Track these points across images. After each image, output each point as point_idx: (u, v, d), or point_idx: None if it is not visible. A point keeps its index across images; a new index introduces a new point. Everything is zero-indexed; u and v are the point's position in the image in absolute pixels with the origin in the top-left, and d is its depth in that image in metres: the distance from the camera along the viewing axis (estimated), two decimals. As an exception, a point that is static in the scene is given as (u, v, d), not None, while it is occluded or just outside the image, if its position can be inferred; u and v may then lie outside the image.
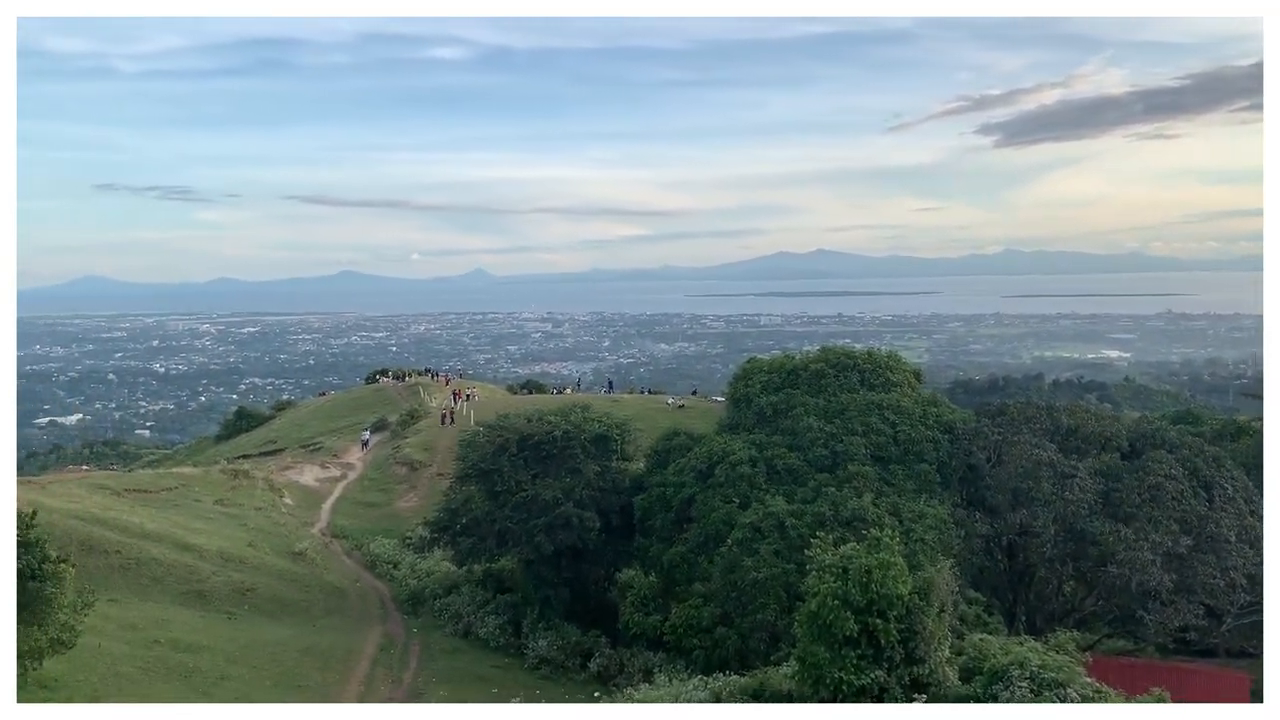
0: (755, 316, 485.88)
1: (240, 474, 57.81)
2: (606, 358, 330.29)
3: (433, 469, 61.84)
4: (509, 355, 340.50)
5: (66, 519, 40.17)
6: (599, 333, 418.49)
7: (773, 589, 31.23)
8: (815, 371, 43.12)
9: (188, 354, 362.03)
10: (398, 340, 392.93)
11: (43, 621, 24.68)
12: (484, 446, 41.41)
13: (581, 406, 45.64)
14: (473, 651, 37.89)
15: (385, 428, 72.71)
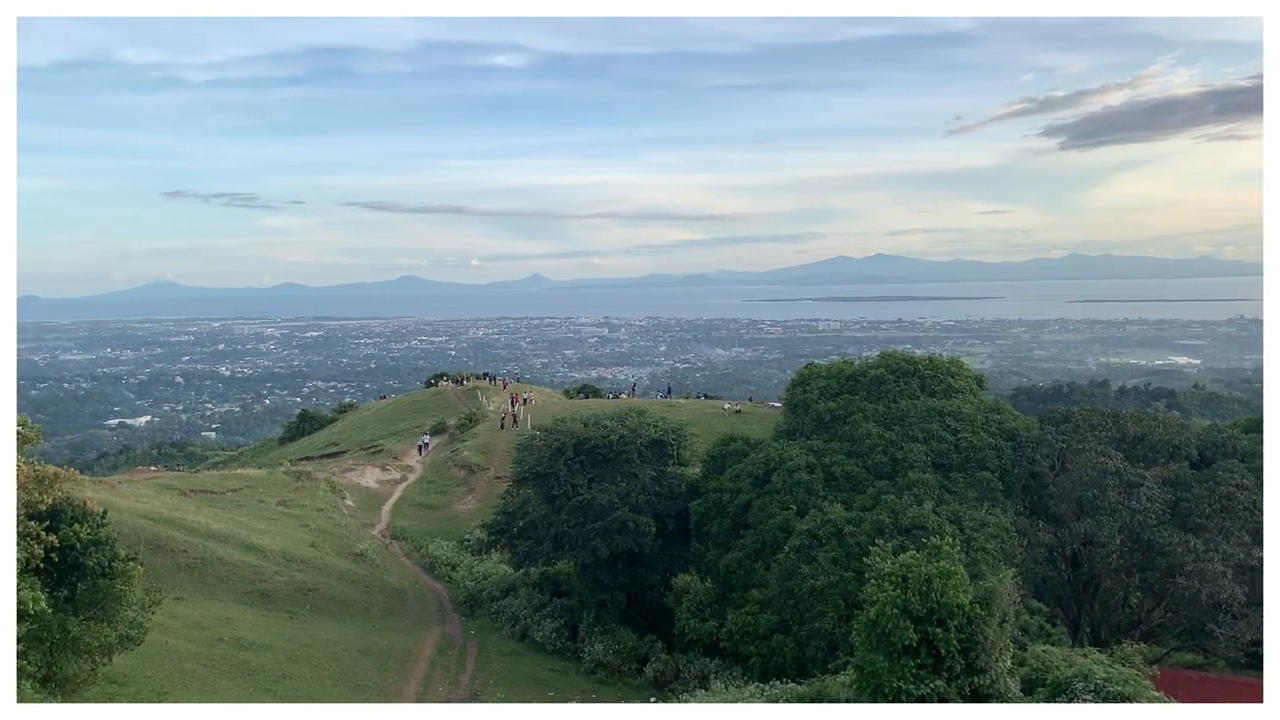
0: (813, 321, 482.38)
1: (303, 475, 58.72)
2: (662, 362, 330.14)
3: (490, 472, 62.29)
4: (565, 360, 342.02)
5: (135, 518, 41.15)
6: (655, 337, 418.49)
7: (831, 597, 30.94)
8: (875, 377, 42.67)
9: (253, 358, 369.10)
10: (456, 345, 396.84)
11: (112, 618, 25.27)
12: (541, 450, 41.60)
13: (637, 411, 45.65)
14: (529, 654, 38.08)
15: (444, 431, 73.40)
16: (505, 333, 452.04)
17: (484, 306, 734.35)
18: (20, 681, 23.23)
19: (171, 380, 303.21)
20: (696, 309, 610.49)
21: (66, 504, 26.01)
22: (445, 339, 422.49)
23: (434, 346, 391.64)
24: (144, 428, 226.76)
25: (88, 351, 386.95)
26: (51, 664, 24.18)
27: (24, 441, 25.77)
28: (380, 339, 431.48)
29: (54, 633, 24.00)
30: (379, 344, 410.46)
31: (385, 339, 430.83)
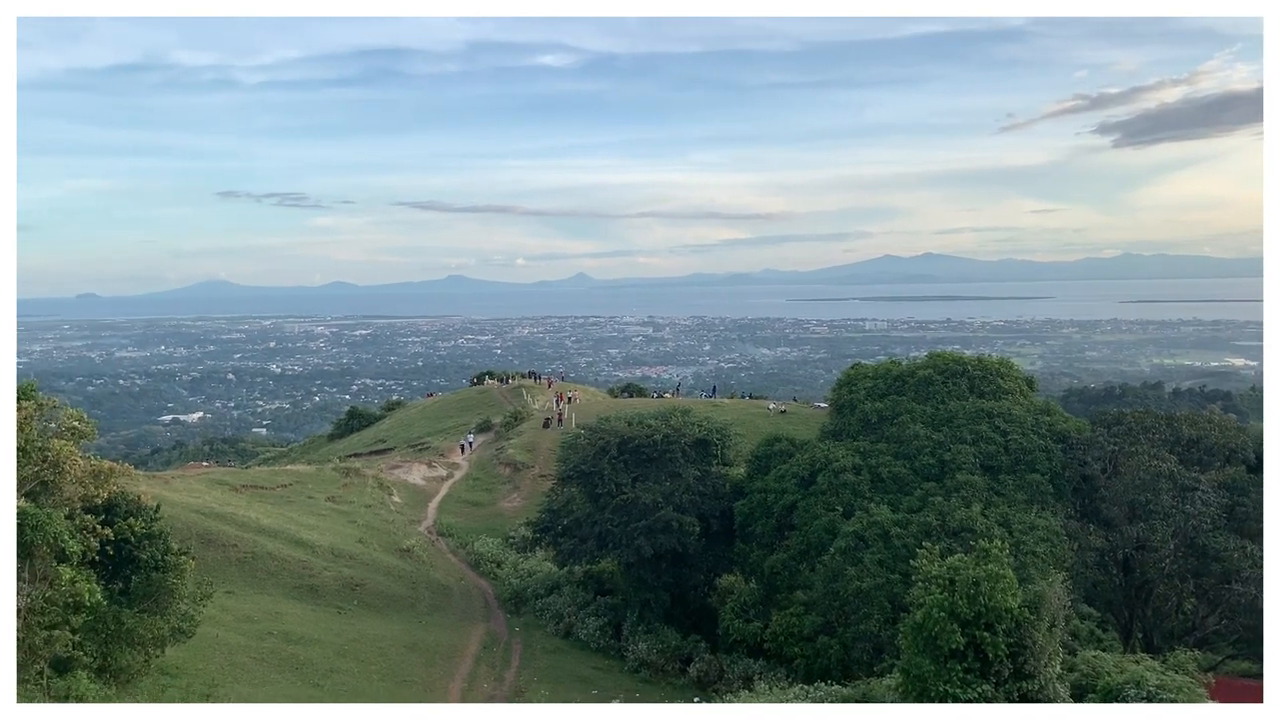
0: (860, 321, 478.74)
1: (351, 472, 59.43)
2: (707, 362, 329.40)
3: (535, 470, 62.58)
4: (610, 359, 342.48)
5: (188, 513, 41.89)
6: (700, 337, 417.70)
7: (877, 599, 30.70)
8: (922, 378, 42.23)
9: (303, 355, 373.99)
10: (502, 343, 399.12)
11: (165, 611, 25.74)
12: (585, 449, 41.71)
13: (682, 411, 45.60)
14: (573, 652, 38.21)
15: (489, 429, 73.84)
16: (550, 332, 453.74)
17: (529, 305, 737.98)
18: (77, 672, 23.74)
19: (223, 377, 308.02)
20: (742, 308, 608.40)
21: (121, 498, 26.53)
22: (491, 338, 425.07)
23: (480, 345, 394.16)
24: (196, 424, 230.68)
25: (143, 349, 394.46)
26: (107, 655, 24.67)
27: (80, 436, 26.29)
28: (428, 337, 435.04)
29: (109, 624, 24.49)
30: (426, 342, 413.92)
31: (432, 337, 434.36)
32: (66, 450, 24.91)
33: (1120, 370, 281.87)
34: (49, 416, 25.91)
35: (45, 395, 26.12)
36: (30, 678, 22.68)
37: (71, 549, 23.13)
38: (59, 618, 23.08)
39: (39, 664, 22.93)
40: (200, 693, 26.54)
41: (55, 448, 24.63)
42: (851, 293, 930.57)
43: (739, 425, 50.85)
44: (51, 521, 22.63)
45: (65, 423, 26.12)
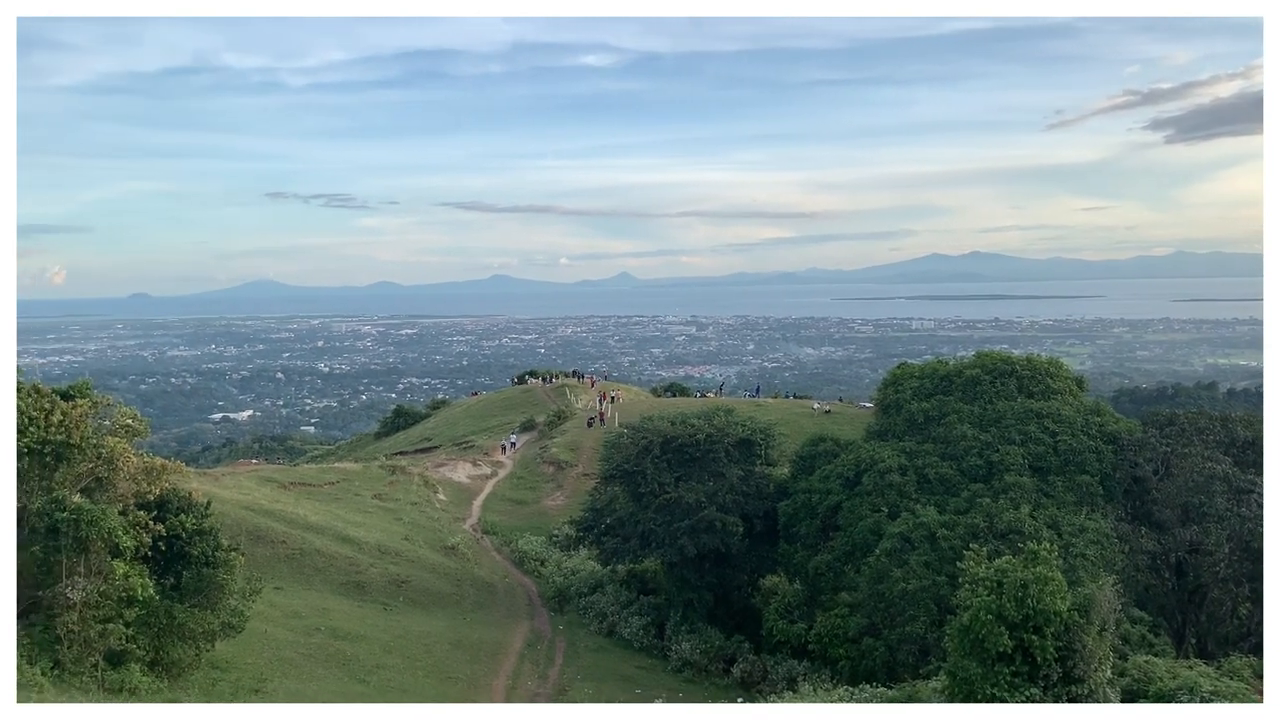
0: (905, 320, 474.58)
1: (397, 470, 60.01)
2: (750, 361, 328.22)
3: (578, 469, 62.76)
4: (653, 358, 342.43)
5: (237, 509, 42.51)
6: (743, 336, 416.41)
7: (923, 601, 30.40)
8: (970, 378, 41.78)
9: (350, 354, 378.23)
10: (545, 342, 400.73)
11: (215, 606, 26.14)
12: (628, 448, 41.75)
13: (725, 410, 45.48)
14: (617, 651, 38.26)
15: (533, 428, 74.17)
16: (593, 331, 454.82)
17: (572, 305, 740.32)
18: (130, 664, 24.20)
19: (272, 376, 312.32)
20: (785, 307, 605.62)
21: (173, 495, 27.00)
22: (535, 337, 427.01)
23: (524, 344, 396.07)
24: (246, 422, 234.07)
25: (194, 348, 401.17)
26: (159, 648, 25.10)
27: (133, 434, 26.80)
28: (472, 337, 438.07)
29: (161, 618, 24.92)
30: (471, 341, 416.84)
31: (477, 337, 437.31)
32: (120, 447, 25.40)
33: (1173, 370, 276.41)
34: (103, 414, 26.44)
35: (100, 393, 26.65)
36: (85, 670, 23.16)
37: (125, 544, 23.57)
38: (113, 611, 23.54)
39: (94, 656, 23.40)
40: (249, 687, 26.90)
41: (109, 445, 25.13)
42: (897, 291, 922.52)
43: (783, 425, 50.62)
44: (106, 517, 23.08)
45: (119, 420, 26.64)
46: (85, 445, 24.47)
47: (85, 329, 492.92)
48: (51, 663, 22.71)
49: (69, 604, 22.79)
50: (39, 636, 23.09)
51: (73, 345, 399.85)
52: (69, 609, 22.81)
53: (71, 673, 22.85)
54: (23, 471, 23.56)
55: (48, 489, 23.99)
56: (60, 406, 24.10)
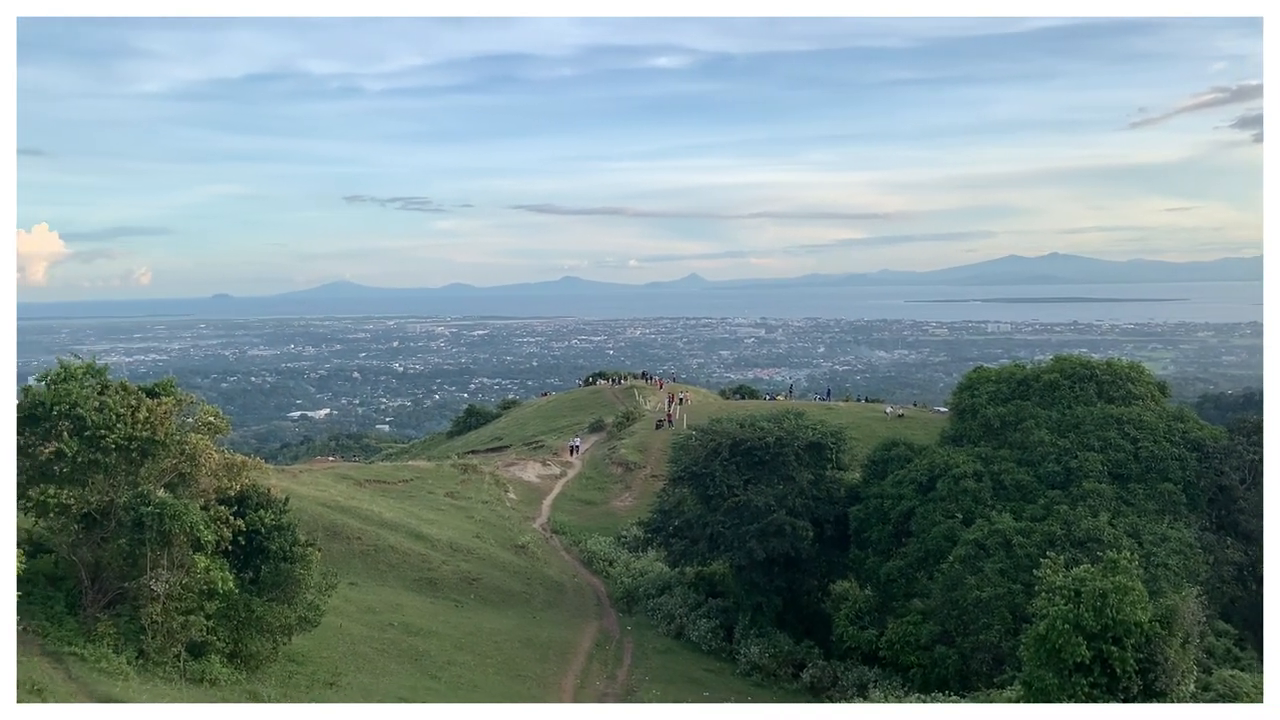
0: (981, 323, 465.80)
1: (469, 469, 60.72)
2: (821, 364, 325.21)
3: (647, 470, 62.85)
4: (722, 360, 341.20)
5: (314, 505, 43.40)
6: (814, 339, 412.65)
7: (997, 609, 29.86)
8: (1048, 382, 40.90)
9: (424, 355, 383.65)
10: (614, 344, 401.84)
11: (292, 600, 26.70)
12: (696, 450, 41.67)
13: (795, 413, 45.13)
14: (685, 653, 38.22)
15: (601, 429, 74.49)
16: (662, 333, 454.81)
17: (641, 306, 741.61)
18: (210, 656, 24.83)
19: (349, 375, 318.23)
20: (857, 310, 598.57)
21: (253, 491, 27.64)
22: (604, 338, 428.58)
23: (593, 345, 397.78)
24: (323, 420, 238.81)
25: (273, 347, 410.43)
26: (238, 641, 25.72)
27: (215, 431, 27.49)
28: (542, 338, 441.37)
29: (240, 612, 25.53)
30: (541, 342, 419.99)
31: (547, 338, 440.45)
32: (203, 444, 26.09)
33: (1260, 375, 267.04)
34: (187, 412, 27.17)
35: (183, 391, 27.39)
36: (168, 660, 23.84)
37: (206, 538, 24.20)
38: (194, 604, 24.19)
39: (176, 647, 24.08)
40: (324, 680, 27.43)
41: (192, 441, 25.81)
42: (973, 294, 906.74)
43: (854, 429, 50.11)
44: (188, 512, 23.73)
45: (202, 418, 27.36)
46: (169, 442, 25.17)
47: (170, 328, 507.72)
48: (136, 652, 23.43)
49: (153, 596, 23.49)
50: (125, 627, 23.84)
51: (158, 344, 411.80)
52: (153, 600, 23.51)
53: (155, 662, 23.54)
54: (110, 466, 24.33)
55: (133, 484, 24.74)
56: (146, 404, 24.84)
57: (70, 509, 23.68)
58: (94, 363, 26.07)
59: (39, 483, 23.56)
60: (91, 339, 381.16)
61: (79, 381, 24.76)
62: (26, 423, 23.98)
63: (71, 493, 23.64)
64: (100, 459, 23.94)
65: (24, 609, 21.08)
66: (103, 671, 21.87)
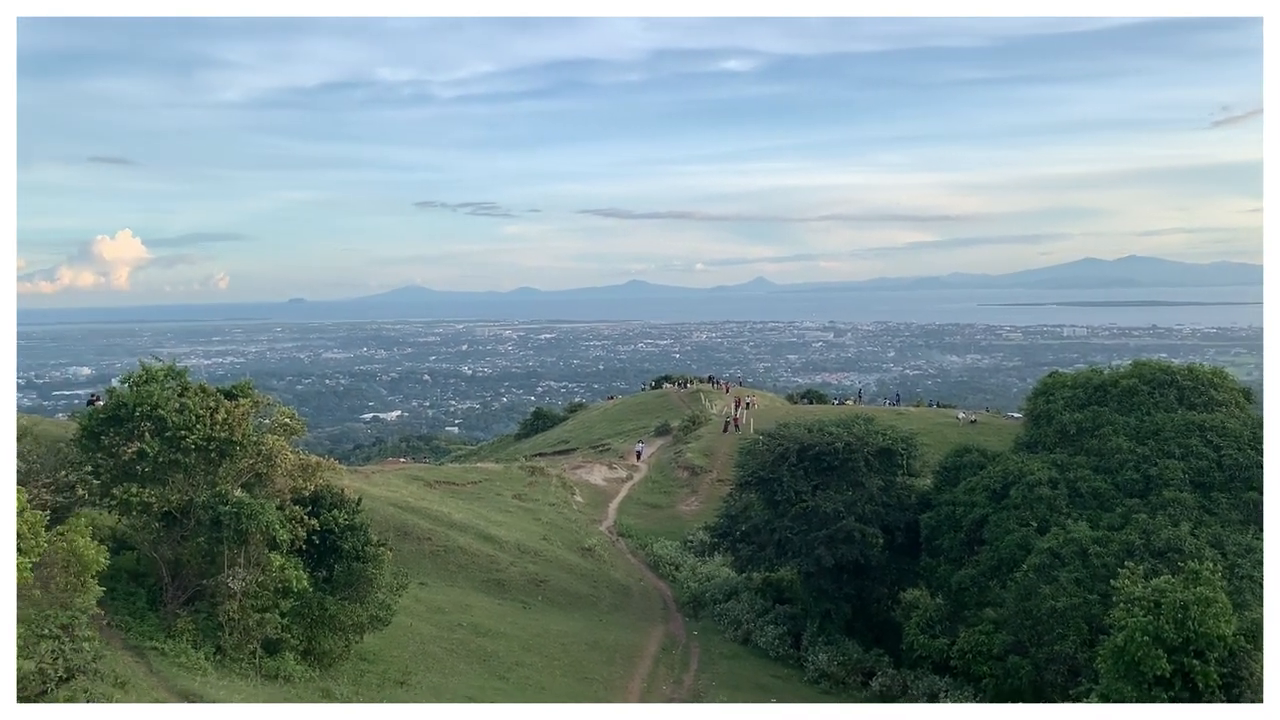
0: (1057, 327, 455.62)
1: (536, 471, 61.14)
2: (891, 369, 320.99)
3: (713, 474, 62.63)
4: (789, 364, 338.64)
5: (386, 506, 44.04)
6: (883, 343, 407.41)
7: (1073, 620, 29.20)
8: (1126, 388, 39.87)
9: (492, 358, 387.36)
10: (680, 348, 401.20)
11: (364, 599, 27.15)
12: (764, 455, 41.42)
13: (864, 418, 44.61)
14: (752, 659, 38.00)
15: (667, 432, 74.42)
16: (728, 336, 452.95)
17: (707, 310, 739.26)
18: (285, 653, 25.34)
19: (420, 378, 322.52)
20: (928, 313, 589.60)
21: (327, 491, 28.18)
22: (670, 342, 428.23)
23: (659, 349, 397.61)
24: (394, 422, 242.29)
25: (347, 350, 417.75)
26: (311, 638, 26.22)
27: (291, 433, 28.10)
28: (608, 341, 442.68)
29: (314, 610, 26.02)
30: (607, 346, 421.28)
31: (613, 341, 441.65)
32: (279, 445, 26.67)
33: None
34: (263, 413, 27.81)
35: (260, 393, 28.05)
36: (244, 656, 24.39)
37: (281, 537, 24.73)
38: (270, 601, 24.72)
39: (252, 644, 24.63)
40: (394, 679, 27.82)
41: (269, 442, 26.41)
42: (1048, 297, 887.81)
43: (925, 435, 49.40)
44: (264, 511, 24.27)
45: (278, 419, 27.98)
46: (247, 442, 25.78)
47: (247, 332, 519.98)
48: (214, 648, 24.01)
49: (230, 593, 24.07)
50: (203, 623, 24.46)
51: (235, 347, 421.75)
52: (230, 598, 24.09)
53: (232, 658, 24.10)
54: (189, 466, 25.00)
55: (212, 483, 25.38)
56: (224, 405, 25.47)
57: (151, 507, 24.36)
58: (175, 365, 26.82)
59: (122, 481, 24.28)
60: (172, 342, 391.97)
61: (160, 383, 25.48)
62: (110, 423, 24.76)
63: (153, 491, 24.32)
64: (180, 459, 24.60)
65: (108, 604, 21.74)
66: (182, 666, 22.44)
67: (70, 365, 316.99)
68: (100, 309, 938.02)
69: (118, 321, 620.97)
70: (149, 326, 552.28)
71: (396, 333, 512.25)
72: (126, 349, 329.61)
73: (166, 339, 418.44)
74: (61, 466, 25.42)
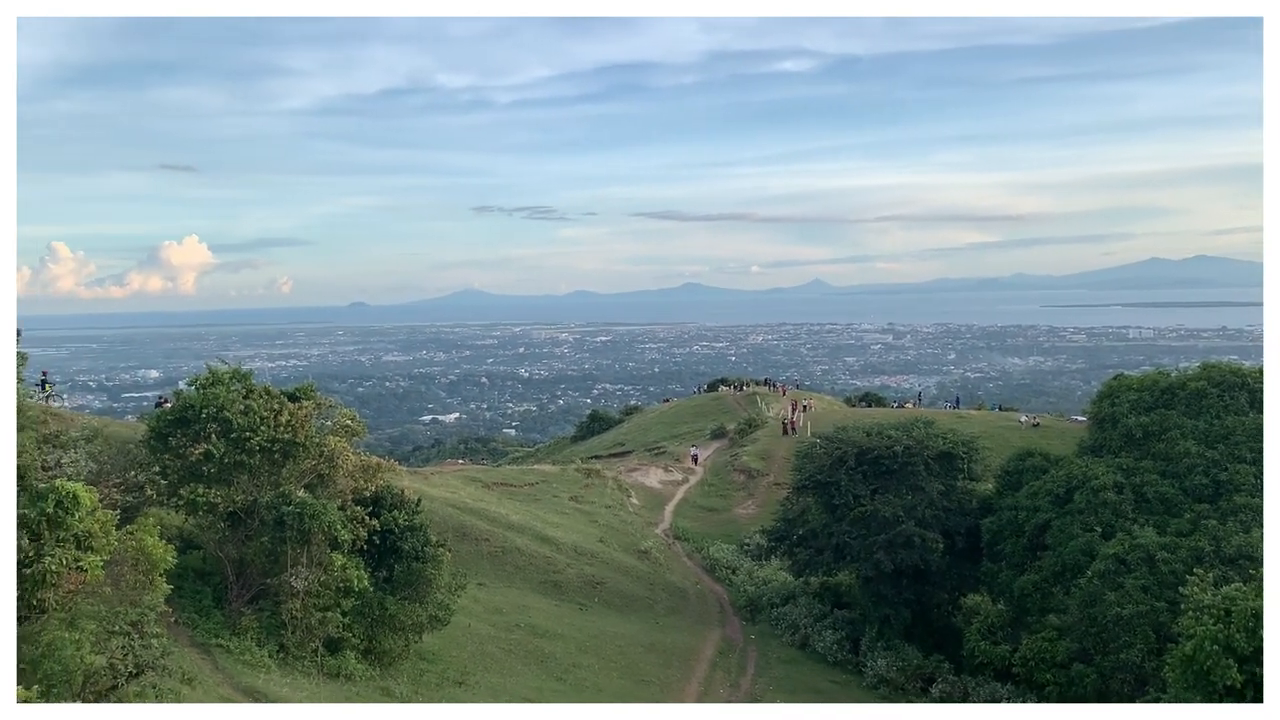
0: (1122, 329, 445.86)
1: (592, 473, 61.33)
2: (952, 371, 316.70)
3: (770, 478, 62.31)
4: (847, 367, 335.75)
5: (444, 507, 44.49)
6: (944, 345, 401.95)
7: (1139, 627, 28.57)
8: (1195, 390, 38.90)
9: (548, 361, 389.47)
10: (736, 350, 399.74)
11: (423, 599, 27.44)
12: (821, 458, 41.12)
13: (924, 421, 44.07)
14: (809, 663, 37.73)
15: (723, 435, 74.18)
16: (785, 339, 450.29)
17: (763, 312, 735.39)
18: (346, 652, 25.69)
19: (477, 381, 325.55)
20: (990, 315, 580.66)
21: (387, 492, 28.54)
22: (725, 344, 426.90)
23: (714, 352, 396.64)
24: (453, 424, 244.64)
25: (406, 353, 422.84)
26: (372, 638, 26.56)
27: (352, 434, 28.51)
28: (664, 344, 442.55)
29: (374, 609, 26.36)
30: (663, 349, 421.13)
31: (668, 344, 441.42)
32: (340, 446, 27.07)
33: None
34: (326, 415, 28.24)
35: (322, 395, 28.50)
36: (307, 655, 24.77)
37: (343, 537, 25.09)
38: (331, 601, 25.09)
39: (314, 643, 25.01)
40: (453, 679, 28.07)
41: (331, 444, 26.82)
42: (1113, 298, 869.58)
43: (987, 438, 48.69)
44: (326, 511, 24.64)
45: (340, 421, 28.41)
46: (309, 444, 26.21)
47: (309, 335, 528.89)
48: (277, 646, 24.42)
49: (293, 592, 24.47)
50: (266, 621, 24.89)
51: (298, 350, 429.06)
52: (293, 597, 24.49)
53: (294, 656, 24.50)
54: (254, 467, 25.47)
55: (275, 484, 25.84)
56: (288, 407, 25.92)
57: (217, 507, 24.87)
58: (240, 368, 27.35)
59: (189, 482, 24.82)
60: (237, 345, 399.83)
61: (226, 386, 25.99)
62: (178, 424, 25.32)
63: (218, 492, 24.83)
64: (245, 460, 25.08)
65: (175, 602, 22.22)
66: (246, 664, 22.85)
67: (139, 368, 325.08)
68: (168, 313, 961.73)
69: (184, 325, 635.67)
70: (215, 330, 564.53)
71: (454, 336, 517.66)
72: (193, 352, 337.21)
73: (231, 342, 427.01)
74: (131, 467, 26.07)
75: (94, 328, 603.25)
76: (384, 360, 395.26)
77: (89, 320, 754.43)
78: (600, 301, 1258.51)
